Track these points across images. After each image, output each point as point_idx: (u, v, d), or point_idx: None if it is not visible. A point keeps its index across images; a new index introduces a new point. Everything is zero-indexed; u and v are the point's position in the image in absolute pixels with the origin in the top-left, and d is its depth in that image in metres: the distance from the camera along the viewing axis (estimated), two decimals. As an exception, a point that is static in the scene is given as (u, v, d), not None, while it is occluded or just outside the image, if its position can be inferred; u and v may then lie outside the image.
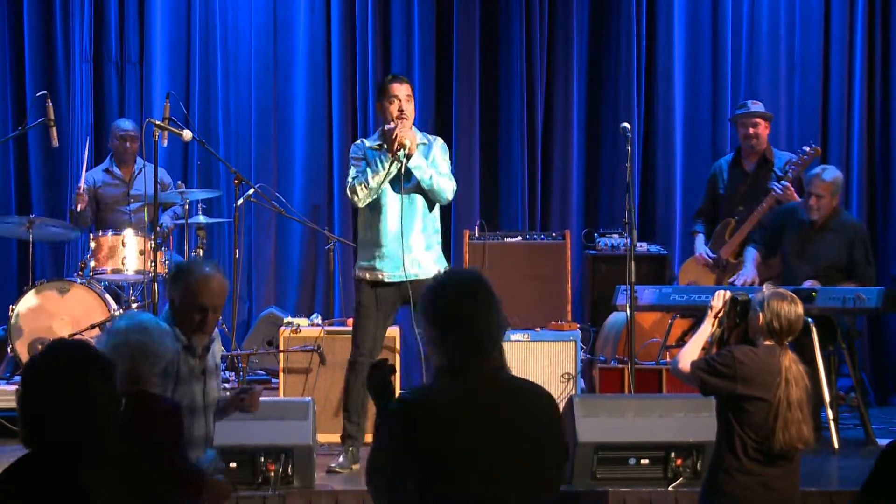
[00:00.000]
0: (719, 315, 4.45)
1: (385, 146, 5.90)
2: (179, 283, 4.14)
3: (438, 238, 6.13)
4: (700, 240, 7.81)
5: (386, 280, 5.97)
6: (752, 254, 7.22)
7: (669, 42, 9.07)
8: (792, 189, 7.34)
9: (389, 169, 5.85)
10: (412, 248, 5.93)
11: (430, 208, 6.04)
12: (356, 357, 5.98)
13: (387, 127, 5.90)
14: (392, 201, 5.93)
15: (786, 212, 7.20)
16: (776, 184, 7.39)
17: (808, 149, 7.44)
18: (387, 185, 5.92)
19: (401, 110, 5.89)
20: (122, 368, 3.72)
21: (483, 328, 3.04)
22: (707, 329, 4.46)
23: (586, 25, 9.09)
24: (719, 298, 4.47)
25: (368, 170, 5.88)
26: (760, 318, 4.27)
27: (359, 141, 6.20)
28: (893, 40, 9.11)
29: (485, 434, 2.96)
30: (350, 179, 5.94)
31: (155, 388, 3.76)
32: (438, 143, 6.07)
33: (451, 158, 6.29)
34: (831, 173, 7.05)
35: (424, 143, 6.00)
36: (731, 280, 7.23)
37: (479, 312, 3.04)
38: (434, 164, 5.96)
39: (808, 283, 6.77)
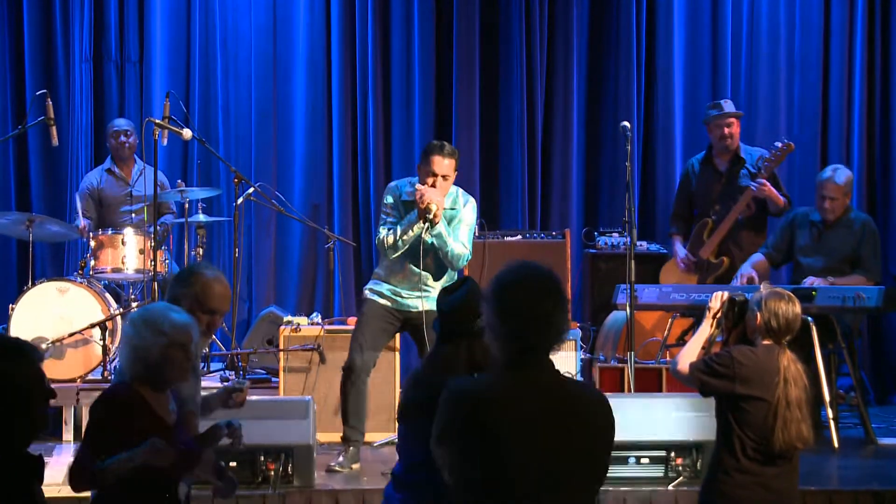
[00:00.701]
0: (717, 316, 4.45)
1: (416, 204, 5.96)
2: (189, 285, 4.05)
3: (453, 276, 6.18)
4: (678, 242, 7.77)
5: (394, 308, 6.09)
6: (756, 256, 7.21)
7: (669, 42, 9.07)
8: (769, 185, 7.32)
9: (415, 231, 5.94)
10: (429, 290, 6.01)
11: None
12: (351, 363, 6.01)
13: (419, 186, 5.96)
14: (416, 251, 6.00)
15: (796, 216, 7.21)
16: (752, 182, 7.36)
17: (780, 144, 7.38)
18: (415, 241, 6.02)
19: (433, 185, 5.94)
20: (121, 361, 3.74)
21: (557, 328, 3.06)
22: (706, 330, 4.45)
23: (586, 25, 9.09)
24: (717, 299, 4.46)
25: (398, 226, 5.98)
26: (758, 317, 4.27)
27: (394, 189, 6.18)
28: (893, 40, 9.11)
29: (544, 432, 2.98)
30: (382, 232, 6.03)
31: (141, 380, 3.61)
32: (469, 207, 6.14)
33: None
34: (843, 175, 7.06)
35: (453, 209, 6.08)
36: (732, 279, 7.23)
37: (556, 312, 3.05)
38: (456, 228, 6.05)
39: (808, 282, 6.78)
